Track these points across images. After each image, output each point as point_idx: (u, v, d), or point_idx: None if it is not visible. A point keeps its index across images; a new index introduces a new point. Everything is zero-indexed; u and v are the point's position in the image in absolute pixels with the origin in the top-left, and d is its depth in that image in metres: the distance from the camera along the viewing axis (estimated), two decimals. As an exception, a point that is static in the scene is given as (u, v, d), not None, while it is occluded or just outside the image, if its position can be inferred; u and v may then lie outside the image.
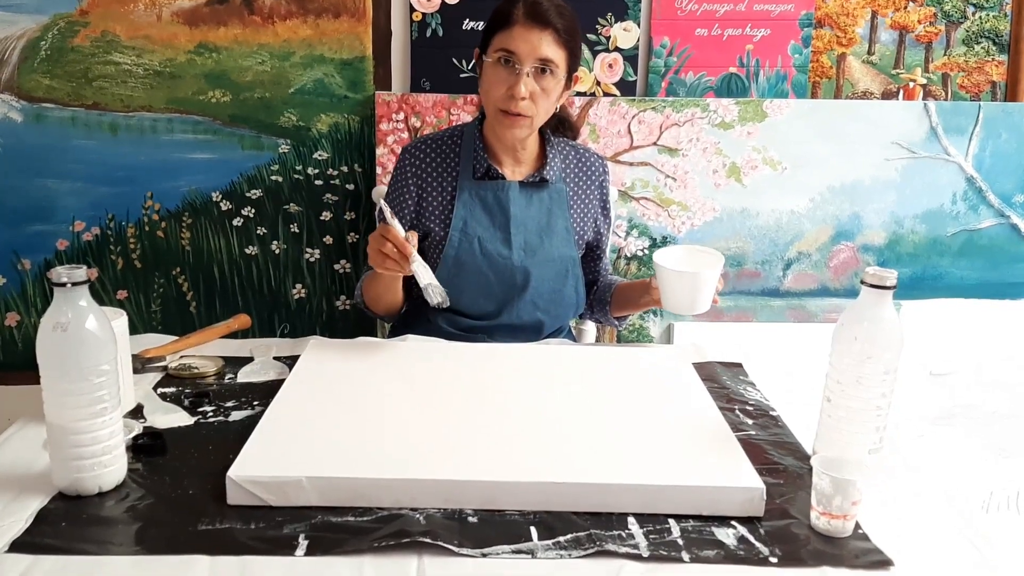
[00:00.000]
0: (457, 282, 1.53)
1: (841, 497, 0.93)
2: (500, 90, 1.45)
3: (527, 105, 1.45)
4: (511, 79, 1.44)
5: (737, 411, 1.26)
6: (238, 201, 2.21)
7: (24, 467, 1.06)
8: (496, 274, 1.54)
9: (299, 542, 0.91)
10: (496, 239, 1.53)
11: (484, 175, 1.54)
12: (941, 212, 2.26)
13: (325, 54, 2.14)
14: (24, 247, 2.19)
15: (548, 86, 1.46)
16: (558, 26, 1.44)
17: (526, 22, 1.44)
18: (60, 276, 0.96)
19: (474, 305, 1.56)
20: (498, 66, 1.45)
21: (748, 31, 2.18)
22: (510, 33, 1.44)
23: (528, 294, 1.55)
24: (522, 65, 1.43)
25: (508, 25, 1.44)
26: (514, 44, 1.43)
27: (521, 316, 1.56)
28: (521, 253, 1.54)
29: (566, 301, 1.60)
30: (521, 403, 1.21)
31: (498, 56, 1.45)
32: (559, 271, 1.57)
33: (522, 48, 1.43)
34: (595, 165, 1.63)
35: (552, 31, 1.44)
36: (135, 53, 2.11)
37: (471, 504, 0.98)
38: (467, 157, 1.55)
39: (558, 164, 1.58)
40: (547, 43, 1.44)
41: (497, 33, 1.46)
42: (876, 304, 1.05)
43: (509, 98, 1.44)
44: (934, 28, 2.22)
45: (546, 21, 1.43)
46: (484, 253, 1.53)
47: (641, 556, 0.90)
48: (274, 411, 1.15)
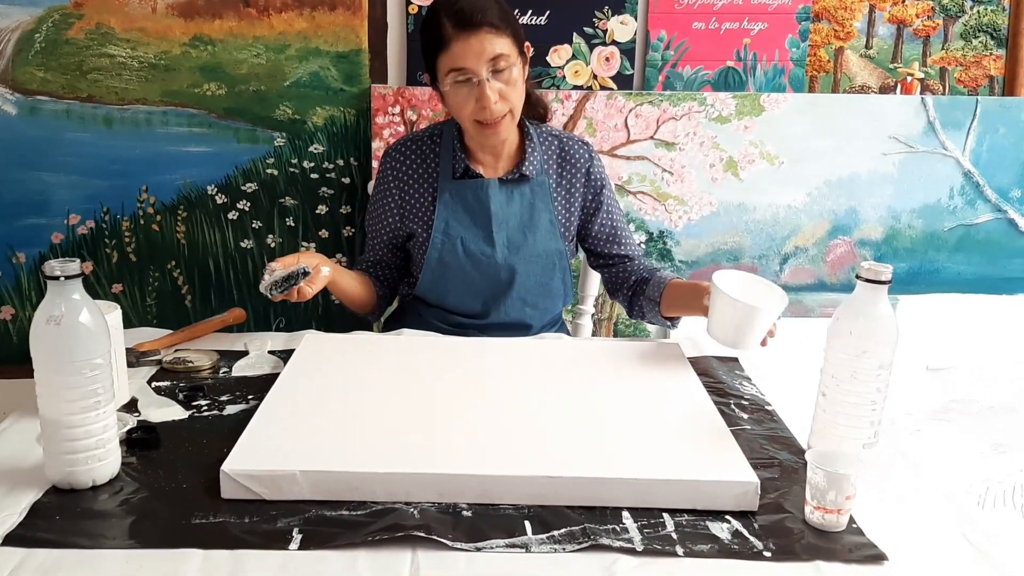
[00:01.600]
0: (443, 283, 1.53)
1: (835, 491, 0.93)
2: (469, 106, 1.42)
3: (500, 106, 1.42)
4: (474, 92, 1.40)
5: (732, 405, 1.26)
6: (233, 195, 2.20)
7: (18, 461, 1.06)
8: (481, 273, 1.53)
9: (293, 536, 0.91)
10: (478, 238, 1.53)
11: (463, 175, 1.53)
12: (938, 207, 2.26)
13: (321, 47, 2.14)
14: (18, 240, 2.19)
15: (510, 78, 1.42)
16: (490, 20, 1.38)
17: (459, 33, 1.38)
18: (54, 269, 0.96)
19: (461, 305, 1.56)
20: (456, 86, 1.41)
21: (745, 25, 2.17)
22: (451, 52, 1.39)
23: (515, 291, 1.55)
24: (478, 75, 1.39)
25: (445, 45, 1.39)
26: (461, 60, 1.39)
27: (509, 314, 1.56)
28: (505, 251, 1.53)
29: (554, 293, 1.59)
30: (516, 397, 1.20)
31: (451, 78, 1.41)
32: (546, 265, 1.56)
33: (470, 60, 1.38)
34: (578, 152, 1.59)
35: (487, 27, 1.38)
36: (130, 46, 2.10)
37: (465, 498, 0.98)
38: (446, 157, 1.54)
39: (538, 157, 1.55)
40: (489, 41, 1.38)
41: (439, 56, 1.41)
42: (872, 299, 1.05)
43: (481, 109, 1.41)
44: (932, 22, 2.21)
45: (477, 22, 1.38)
46: (467, 253, 1.52)
47: (635, 550, 0.90)
48: (268, 405, 1.15)
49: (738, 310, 1.24)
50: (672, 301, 1.51)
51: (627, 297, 1.62)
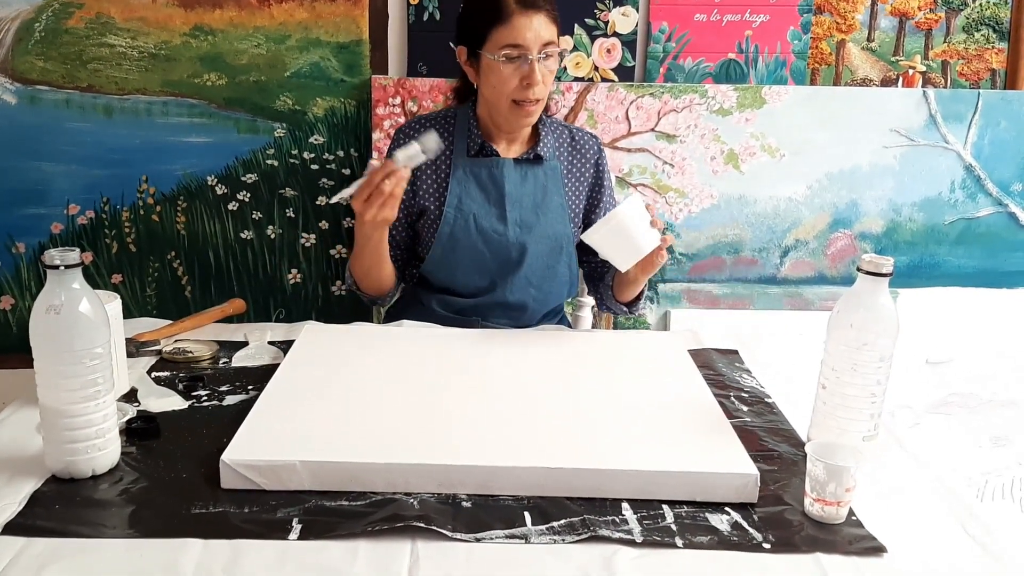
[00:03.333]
0: (452, 258, 1.53)
1: (835, 484, 0.93)
2: (512, 84, 1.44)
3: (541, 89, 1.45)
4: (522, 71, 1.43)
5: (732, 398, 1.26)
6: (233, 185, 2.20)
7: (18, 450, 1.06)
8: (491, 251, 1.53)
9: (292, 526, 0.91)
10: (491, 215, 1.53)
11: (478, 152, 1.54)
12: (939, 200, 2.26)
13: (321, 37, 2.13)
14: (18, 230, 2.18)
15: (554, 66, 1.47)
16: (547, 6, 1.44)
17: (522, 10, 1.42)
18: (53, 258, 0.96)
19: (468, 282, 1.56)
20: (506, 62, 1.43)
21: (747, 17, 2.17)
22: (511, 25, 1.42)
23: (523, 270, 1.55)
24: (531, 54, 1.42)
25: (505, 17, 1.42)
26: (519, 36, 1.41)
27: (514, 292, 1.56)
28: (517, 229, 1.53)
29: (559, 279, 1.59)
30: (516, 388, 1.20)
31: (504, 53, 1.43)
32: (554, 247, 1.56)
33: (528, 37, 1.41)
34: (589, 144, 1.62)
35: (545, 12, 1.43)
36: (130, 35, 2.10)
37: (465, 489, 0.98)
38: (461, 136, 1.55)
39: (551, 142, 1.58)
40: (545, 26, 1.43)
41: (494, 28, 1.43)
42: (872, 291, 1.05)
43: (526, 88, 1.44)
44: (934, 15, 2.20)
45: (537, 4, 1.43)
46: (479, 230, 1.52)
47: (635, 541, 0.90)
48: (268, 395, 1.14)
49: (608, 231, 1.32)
50: (619, 279, 1.58)
51: (598, 290, 1.66)
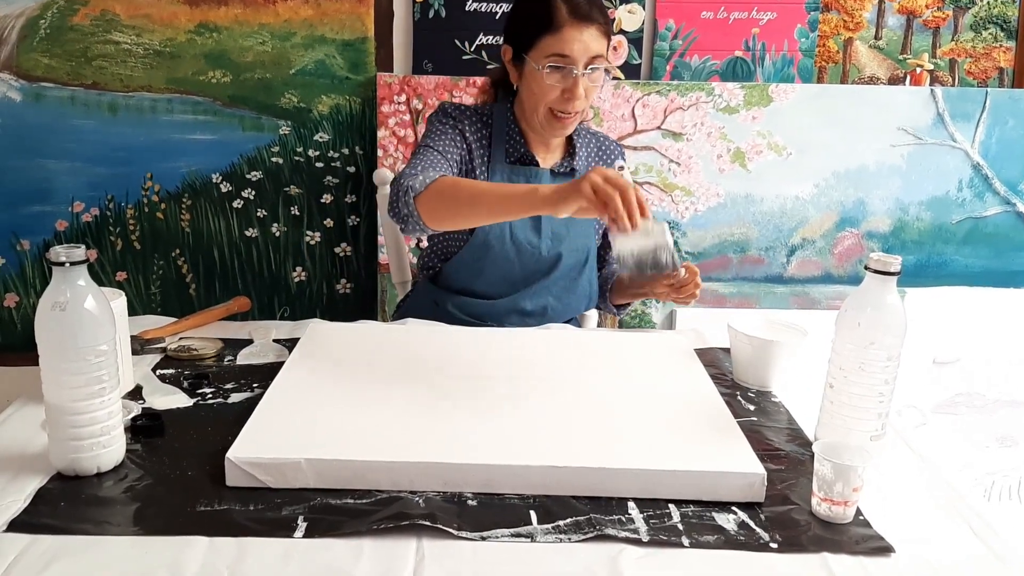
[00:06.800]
0: (480, 264, 1.51)
1: (842, 483, 0.93)
2: (554, 93, 1.42)
3: (581, 103, 1.43)
4: (565, 82, 1.40)
5: (739, 397, 1.26)
6: (238, 183, 2.20)
7: (22, 447, 1.06)
8: (522, 261, 1.52)
9: (298, 524, 0.91)
10: (526, 226, 1.51)
11: (518, 160, 1.52)
12: (947, 199, 2.25)
13: (326, 35, 2.13)
14: (23, 228, 2.19)
15: (598, 80, 1.44)
16: (601, 19, 1.40)
17: (574, 22, 1.38)
18: (59, 255, 0.96)
19: (491, 288, 1.54)
20: (551, 71, 1.41)
21: (754, 14, 2.16)
22: (560, 36, 1.39)
23: (547, 281, 1.54)
24: (577, 67, 1.39)
25: (556, 27, 1.39)
26: (567, 47, 1.38)
27: (534, 300, 1.55)
28: (549, 242, 1.52)
29: (579, 291, 1.59)
30: (521, 387, 1.20)
31: (549, 62, 1.40)
32: (579, 260, 1.56)
33: (576, 50, 1.38)
34: (613, 152, 1.62)
35: (597, 26, 1.39)
36: (135, 32, 2.10)
37: (470, 487, 0.97)
38: (499, 138, 1.52)
39: (583, 153, 1.57)
40: (595, 40, 1.40)
41: (543, 36, 1.40)
42: (880, 290, 1.04)
43: (566, 100, 1.41)
44: (942, 13, 2.19)
45: (591, 17, 1.39)
46: (514, 240, 1.50)
47: (641, 541, 0.90)
48: (273, 393, 1.14)
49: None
50: (622, 288, 1.67)
51: None
